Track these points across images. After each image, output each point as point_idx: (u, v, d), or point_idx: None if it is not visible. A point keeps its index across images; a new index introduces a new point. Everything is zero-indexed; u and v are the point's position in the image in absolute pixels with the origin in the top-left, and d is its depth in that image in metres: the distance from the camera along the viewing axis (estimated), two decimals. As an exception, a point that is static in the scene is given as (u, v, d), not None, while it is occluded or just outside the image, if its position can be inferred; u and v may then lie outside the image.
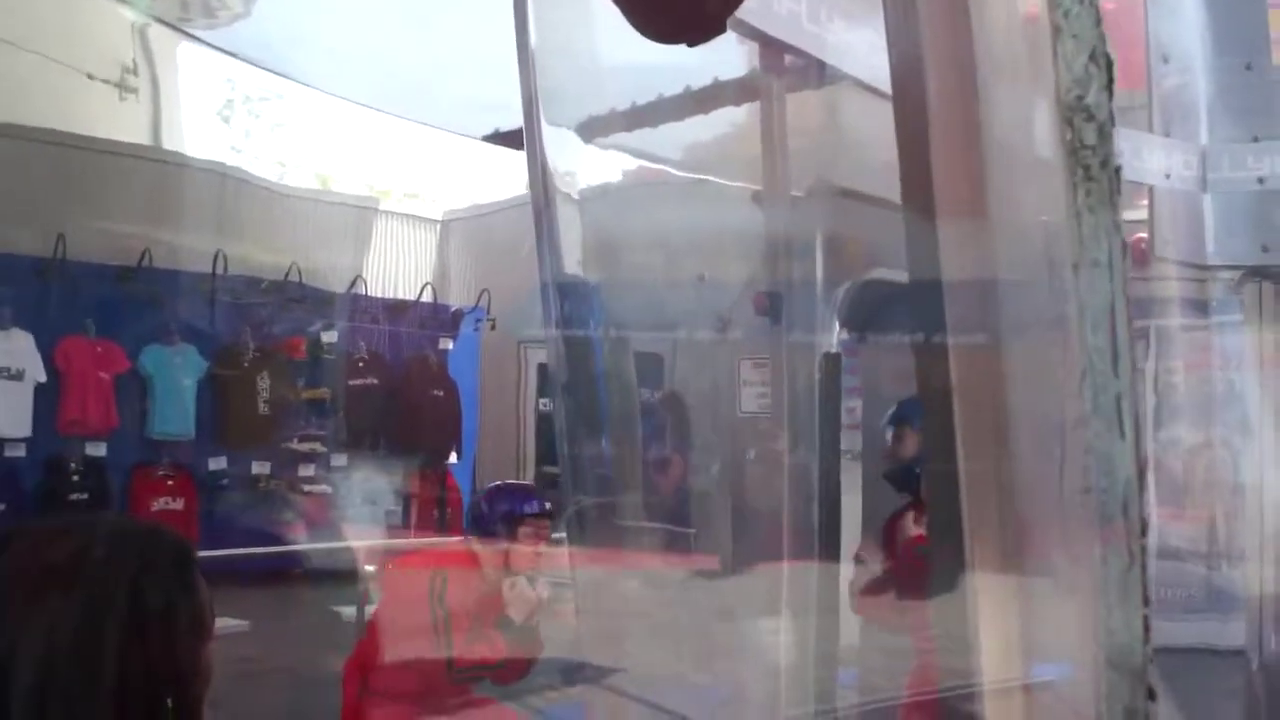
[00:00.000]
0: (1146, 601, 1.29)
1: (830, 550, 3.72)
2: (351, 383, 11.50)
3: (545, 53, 3.15)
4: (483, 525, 4.74)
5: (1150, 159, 5.32)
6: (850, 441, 4.29)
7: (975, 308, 1.83)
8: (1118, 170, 1.39)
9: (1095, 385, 1.31)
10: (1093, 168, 1.34)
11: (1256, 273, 6.11)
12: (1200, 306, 6.91)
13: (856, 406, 5.68)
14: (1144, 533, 1.31)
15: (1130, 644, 1.29)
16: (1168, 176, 5.36)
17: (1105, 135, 1.35)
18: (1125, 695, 1.29)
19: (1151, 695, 1.31)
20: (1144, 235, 5.90)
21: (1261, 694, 6.24)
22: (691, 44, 1.88)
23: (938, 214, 1.83)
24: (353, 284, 12.13)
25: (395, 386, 11.75)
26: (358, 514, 10.52)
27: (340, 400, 11.42)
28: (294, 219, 12.72)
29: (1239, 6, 5.84)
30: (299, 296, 11.33)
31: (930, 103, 1.81)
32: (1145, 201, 5.66)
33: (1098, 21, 1.40)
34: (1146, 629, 1.29)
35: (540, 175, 3.24)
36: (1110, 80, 1.40)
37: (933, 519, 2.11)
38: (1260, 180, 5.45)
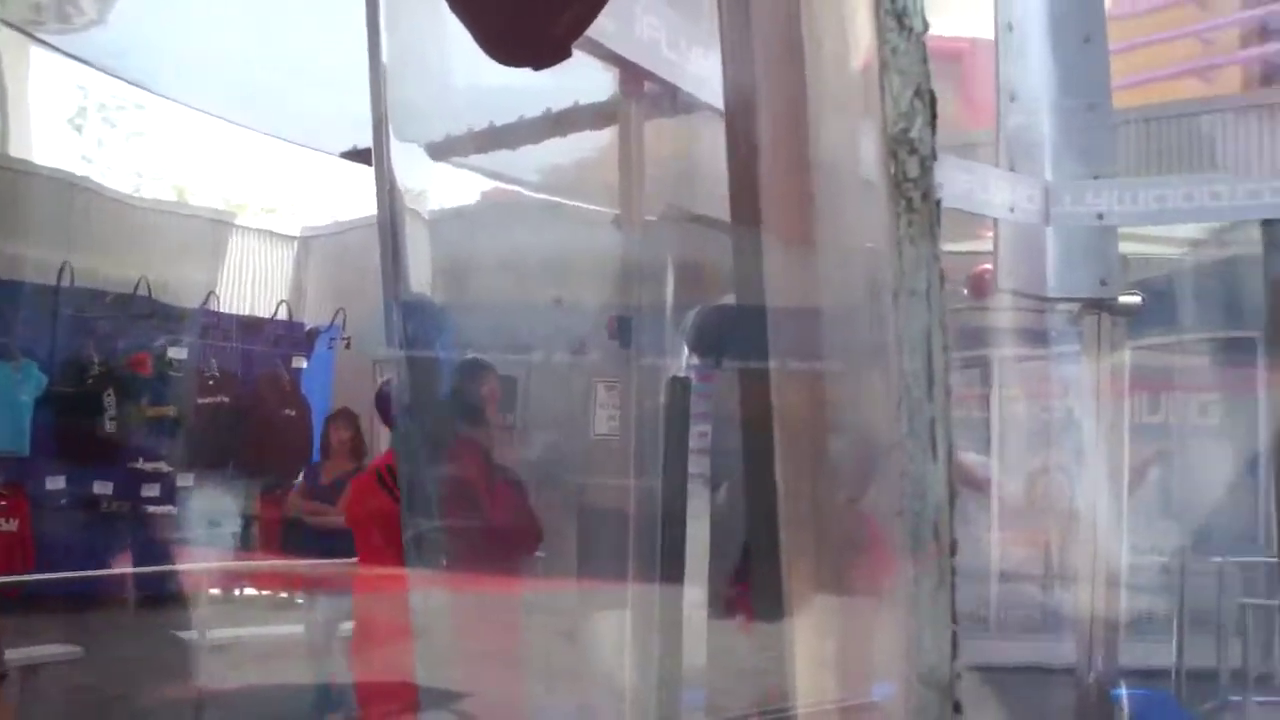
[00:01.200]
0: (954, 620, 1.33)
1: (674, 573, 3.74)
2: (200, 401, 11.23)
3: (398, 69, 3.13)
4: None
5: (996, 193, 5.48)
6: (699, 466, 4.32)
7: (799, 333, 1.86)
8: (938, 203, 1.43)
9: (910, 410, 1.35)
10: (915, 200, 1.38)
11: (1095, 305, 6.32)
12: (1041, 337, 7.12)
13: (707, 431, 5.74)
14: (953, 553, 1.35)
15: (939, 661, 1.32)
16: (1012, 210, 5.53)
17: (927, 169, 1.39)
18: (934, 711, 1.33)
19: (958, 709, 1.35)
20: (989, 266, 6.08)
21: (1091, 711, 6.45)
22: (537, 68, 1.88)
23: (765, 241, 1.86)
24: (205, 300, 11.87)
25: (245, 405, 11.49)
26: (203, 536, 10.27)
27: (188, 419, 11.13)
28: (146, 232, 12.42)
29: (1083, 51, 6.06)
30: (147, 311, 11.03)
31: (762, 132, 1.84)
32: (990, 234, 5.83)
33: (924, 58, 1.44)
34: (954, 646, 1.33)
35: (388, 193, 3.21)
36: (934, 115, 1.45)
37: (752, 543, 2.14)
38: (1099, 216, 5.66)
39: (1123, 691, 6.41)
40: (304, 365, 12.24)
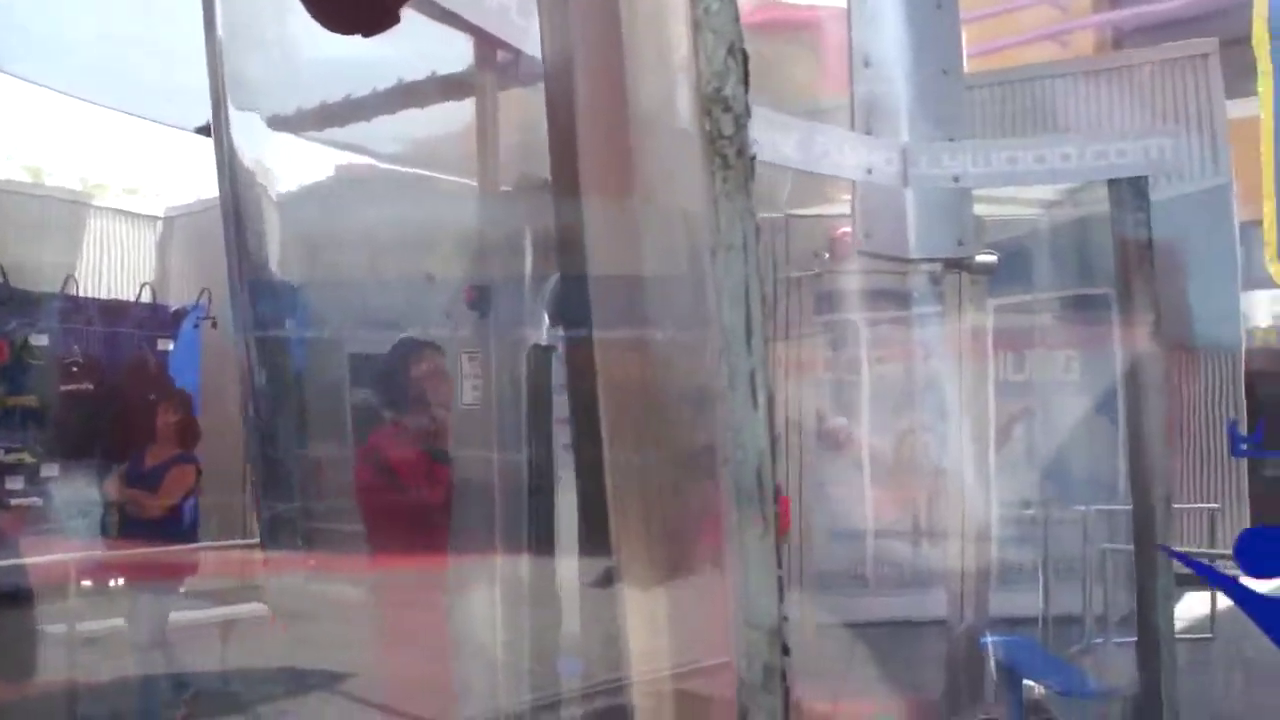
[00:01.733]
0: (779, 565, 1.37)
1: (543, 542, 3.75)
2: (63, 388, 10.94)
3: (236, 42, 3.06)
4: None
5: (852, 156, 5.54)
6: (565, 434, 4.33)
7: (622, 299, 1.88)
8: (753, 159, 1.45)
9: (731, 361, 1.38)
10: (729, 156, 1.40)
11: (954, 264, 6.46)
12: (903, 298, 7.24)
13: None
14: (776, 500, 1.38)
15: (766, 606, 1.35)
16: (869, 172, 5.60)
17: (741, 125, 1.41)
18: (763, 652, 1.36)
19: (785, 651, 1.39)
20: (849, 229, 6.17)
21: (961, 660, 6.63)
22: (367, 34, 1.87)
23: (587, 204, 1.87)
24: (64, 284, 11.55)
25: (111, 391, 11.23)
26: (69, 526, 10.01)
27: (51, 407, 10.84)
28: (-2, 215, 12.07)
29: (935, 16, 6.16)
30: (3, 297, 10.72)
31: (580, 92, 1.85)
32: (849, 197, 5.91)
33: (736, 18, 1.46)
34: (780, 591, 1.36)
35: (228, 170, 3.14)
36: (746, 74, 1.47)
37: (582, 509, 2.15)
38: (955, 178, 5.76)
39: (990, 639, 6.59)
40: (170, 348, 11.97)
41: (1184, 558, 4.30)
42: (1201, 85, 8.81)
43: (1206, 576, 3.36)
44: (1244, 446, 7.28)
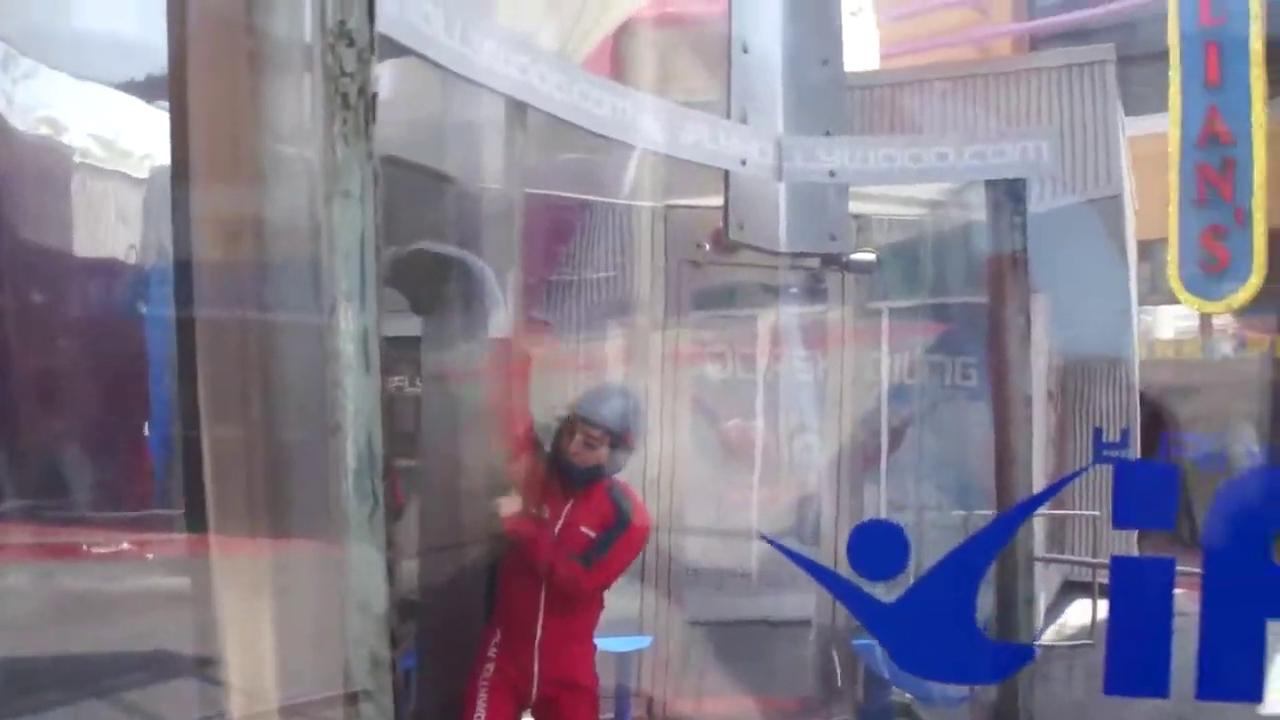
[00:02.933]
0: (390, 544, 1.25)
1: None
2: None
3: None
4: None
5: (728, 145, 5.46)
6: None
7: (229, 282, 1.75)
8: (374, 98, 1.33)
9: (346, 317, 1.26)
10: (350, 95, 1.28)
11: (830, 260, 6.40)
12: (786, 293, 7.17)
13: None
14: (386, 474, 1.26)
15: (374, 588, 1.24)
16: (744, 163, 5.51)
17: (365, 62, 1.29)
18: (370, 640, 1.25)
19: (394, 642, 1.27)
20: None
21: (833, 662, 6.59)
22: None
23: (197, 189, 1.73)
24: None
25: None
26: None
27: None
28: None
29: (818, 6, 6.09)
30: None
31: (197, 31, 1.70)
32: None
33: None
34: (390, 572, 1.25)
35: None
36: (372, 7, 1.34)
37: (188, 487, 2.02)
38: (831, 173, 5.69)
39: (861, 643, 6.55)
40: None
41: (779, 546, 4.37)
42: (1098, 93, 8.84)
43: (805, 568, 3.34)
44: (1105, 453, 7.28)
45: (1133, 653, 1.56)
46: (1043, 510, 8.48)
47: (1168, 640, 1.58)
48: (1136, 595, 1.54)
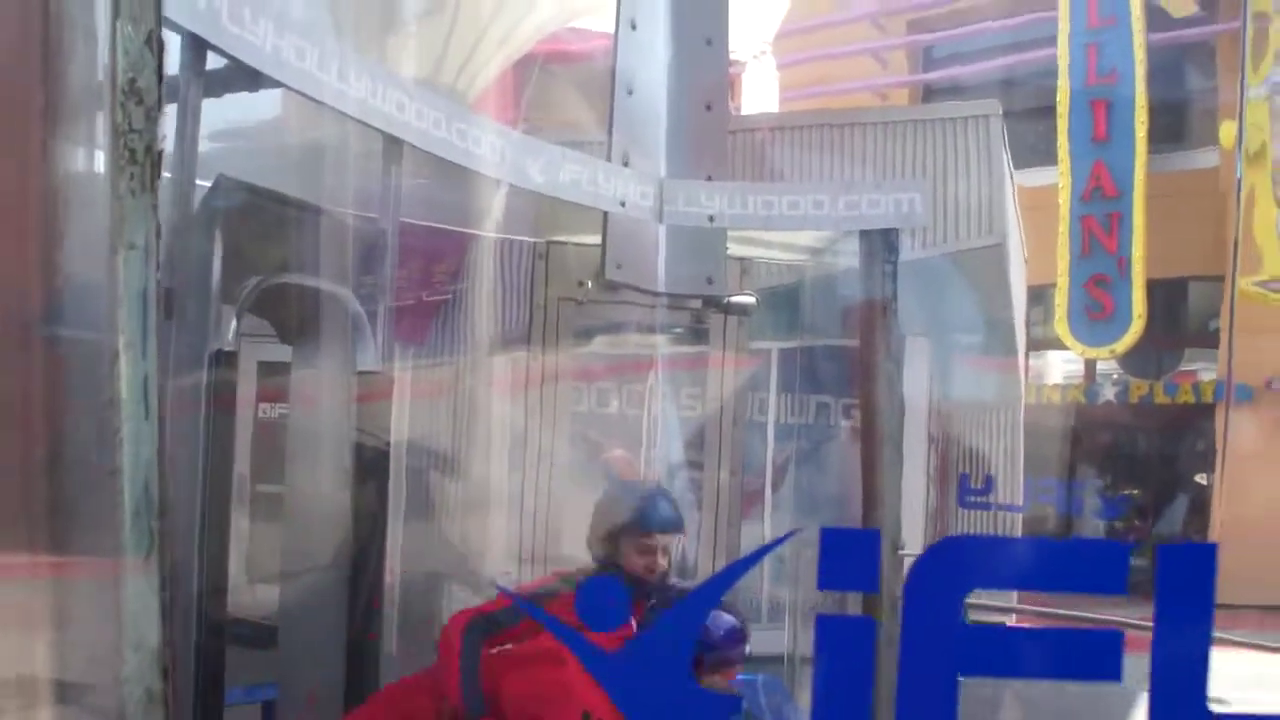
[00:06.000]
0: (164, 586, 1.31)
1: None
2: None
3: None
4: None
5: (607, 186, 5.54)
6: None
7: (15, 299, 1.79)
8: (160, 154, 1.39)
9: (126, 366, 1.32)
10: (138, 151, 1.34)
11: (711, 303, 6.51)
12: (668, 332, 7.28)
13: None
14: (163, 515, 1.32)
15: (147, 625, 1.29)
16: (623, 205, 5.60)
17: (153, 119, 1.35)
18: (145, 676, 1.30)
19: (166, 676, 1.33)
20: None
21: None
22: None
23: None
24: None
25: None
26: None
27: None
28: None
29: (704, 52, 6.21)
30: None
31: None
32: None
33: (159, 5, 1.40)
34: (164, 612, 1.30)
35: None
36: (161, 66, 1.40)
37: None
38: (711, 218, 5.79)
39: (742, 676, 6.62)
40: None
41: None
42: (983, 146, 9.06)
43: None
44: (970, 499, 7.47)
45: (836, 710, 1.64)
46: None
47: (867, 696, 1.65)
48: (839, 652, 1.61)
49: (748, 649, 3.93)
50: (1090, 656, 1.79)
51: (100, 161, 1.63)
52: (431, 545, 7.24)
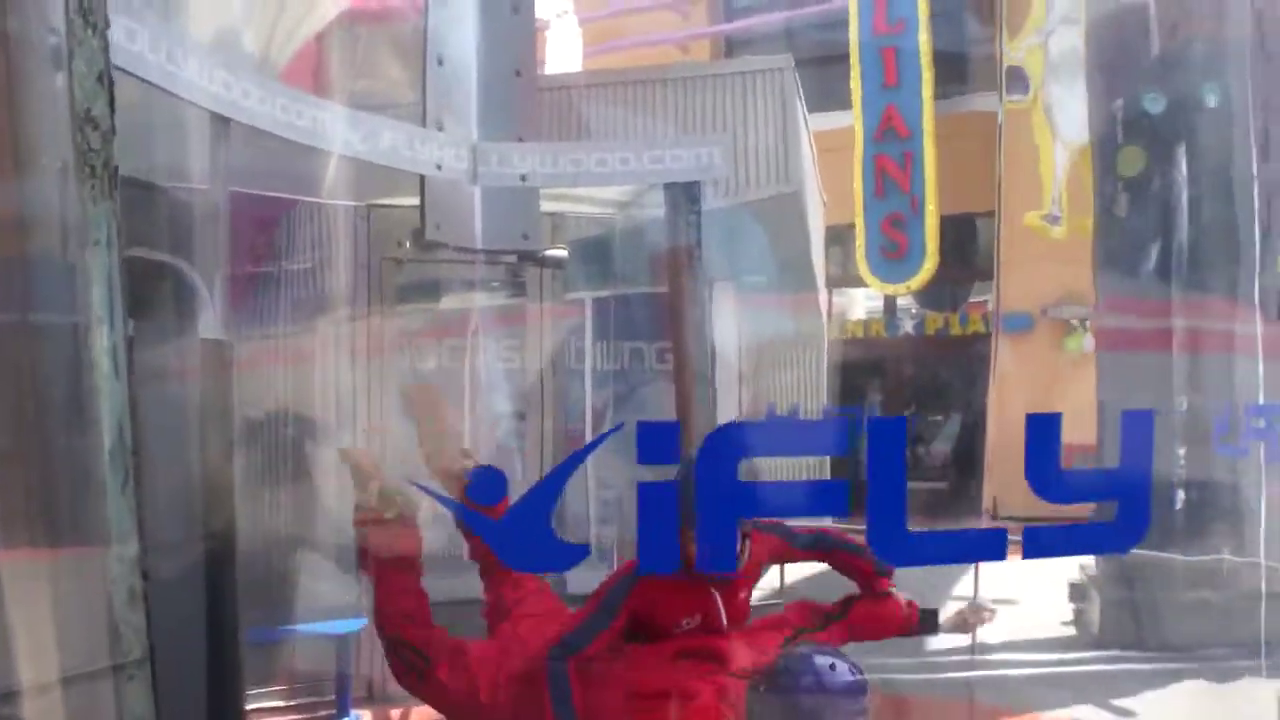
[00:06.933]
0: (139, 508, 1.63)
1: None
2: None
3: None
4: None
5: (423, 151, 5.84)
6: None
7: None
8: (116, 169, 1.71)
9: (97, 339, 1.64)
10: (97, 167, 1.65)
11: (526, 257, 6.87)
12: (486, 288, 7.58)
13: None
14: (136, 453, 1.65)
15: (129, 538, 1.61)
16: (439, 168, 5.91)
17: (108, 141, 1.66)
18: (128, 576, 1.62)
19: (145, 577, 1.67)
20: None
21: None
22: None
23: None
24: None
25: None
26: None
27: None
28: None
29: (510, 20, 6.53)
30: None
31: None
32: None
33: (106, 48, 1.71)
34: (141, 529, 1.62)
35: None
36: (112, 97, 1.72)
37: None
38: (523, 177, 6.14)
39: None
40: None
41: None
42: (777, 98, 9.51)
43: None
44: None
45: (653, 551, 2.13)
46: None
47: (674, 540, 2.17)
48: (654, 510, 2.10)
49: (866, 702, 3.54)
50: (821, 499, 2.33)
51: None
52: (273, 508, 7.41)
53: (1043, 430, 2.18)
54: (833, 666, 3.39)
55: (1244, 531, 8.00)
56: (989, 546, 2.22)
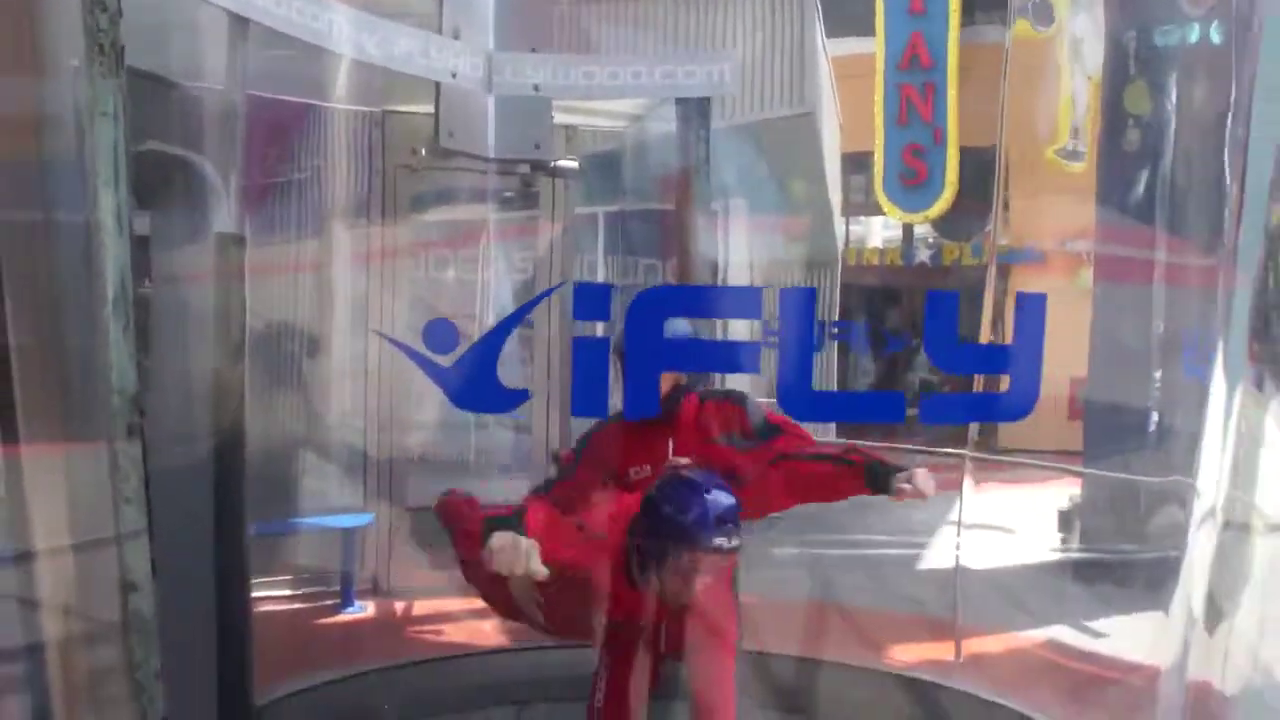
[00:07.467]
0: (142, 354, 1.77)
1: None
2: None
3: None
4: None
5: (439, 59, 5.93)
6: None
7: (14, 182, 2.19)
8: (122, 48, 1.82)
9: (104, 197, 1.77)
10: (105, 45, 1.77)
11: (538, 167, 6.96)
12: (498, 197, 7.67)
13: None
14: (134, 300, 1.78)
15: (126, 370, 1.76)
16: (454, 76, 6.00)
17: (114, 23, 1.78)
18: (125, 412, 1.77)
19: (142, 413, 1.81)
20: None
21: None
22: None
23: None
24: None
25: None
26: None
27: None
28: None
29: (527, -72, 6.58)
30: None
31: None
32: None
33: None
34: (140, 368, 1.77)
35: None
36: None
37: None
38: (536, 88, 6.23)
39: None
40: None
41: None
42: (794, 18, 9.49)
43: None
44: (770, 339, 8.09)
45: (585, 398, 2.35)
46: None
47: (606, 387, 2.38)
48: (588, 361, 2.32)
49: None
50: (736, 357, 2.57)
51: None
52: (285, 410, 7.57)
53: (941, 307, 2.34)
54: (707, 489, 3.37)
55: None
56: (887, 407, 2.42)
